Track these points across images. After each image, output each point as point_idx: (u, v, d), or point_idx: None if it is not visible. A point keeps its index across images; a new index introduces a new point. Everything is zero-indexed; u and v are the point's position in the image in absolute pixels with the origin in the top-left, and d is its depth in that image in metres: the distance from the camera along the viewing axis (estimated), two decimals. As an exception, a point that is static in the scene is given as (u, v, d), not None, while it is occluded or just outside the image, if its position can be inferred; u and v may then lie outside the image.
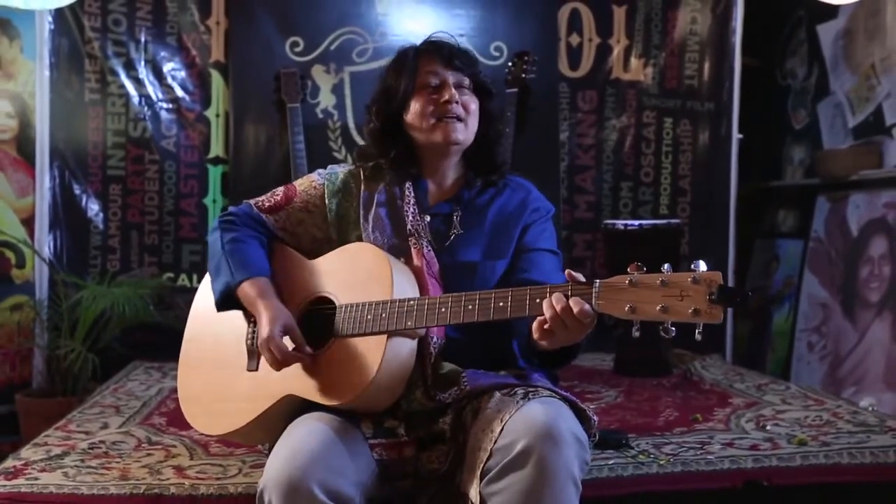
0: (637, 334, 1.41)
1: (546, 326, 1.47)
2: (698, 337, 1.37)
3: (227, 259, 1.80)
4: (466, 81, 1.83)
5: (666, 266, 1.38)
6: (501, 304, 1.53)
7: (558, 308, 1.44)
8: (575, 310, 1.42)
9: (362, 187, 1.87)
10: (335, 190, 1.89)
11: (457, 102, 1.79)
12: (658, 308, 1.36)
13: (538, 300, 1.48)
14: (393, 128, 1.85)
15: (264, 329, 1.67)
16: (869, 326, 3.57)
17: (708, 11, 3.90)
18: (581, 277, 1.48)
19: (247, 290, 1.75)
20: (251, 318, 1.80)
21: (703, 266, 1.36)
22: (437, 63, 1.82)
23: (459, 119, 1.80)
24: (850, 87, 3.85)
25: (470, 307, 1.56)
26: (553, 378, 1.82)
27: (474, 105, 1.83)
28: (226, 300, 1.80)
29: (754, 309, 4.27)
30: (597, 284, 1.44)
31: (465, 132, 1.82)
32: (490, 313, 1.54)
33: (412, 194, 1.83)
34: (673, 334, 1.37)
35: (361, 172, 1.89)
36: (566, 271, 1.50)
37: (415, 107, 1.81)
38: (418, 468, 1.67)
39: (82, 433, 2.22)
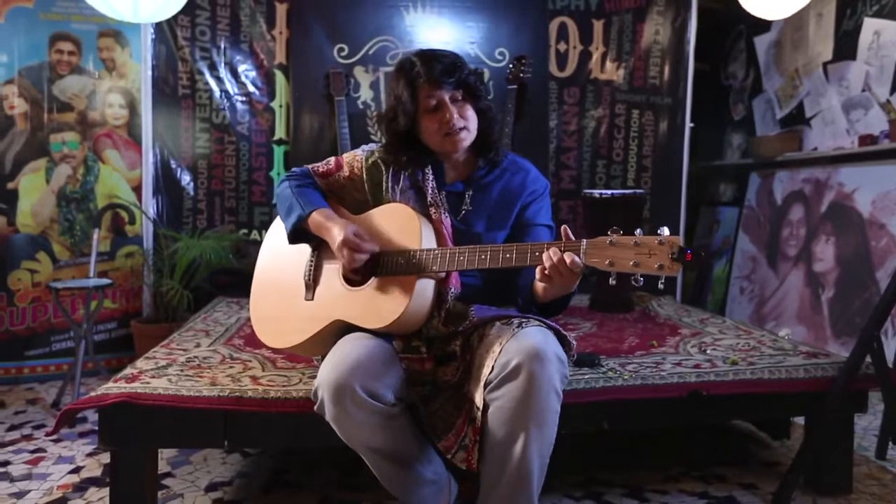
0: (613, 282, 1.42)
1: (546, 272, 1.47)
2: (661, 286, 1.38)
3: (297, 199, 1.77)
4: (459, 93, 1.71)
5: (638, 231, 1.38)
6: (508, 255, 1.52)
7: (555, 259, 1.44)
8: (567, 261, 1.43)
9: (391, 167, 1.81)
10: (370, 165, 1.83)
11: (458, 116, 1.70)
12: (631, 263, 1.37)
13: (537, 253, 1.48)
14: (405, 138, 1.76)
15: (338, 236, 1.66)
16: (787, 275, 3.56)
17: (668, 25, 3.82)
18: (572, 236, 1.47)
19: (316, 217, 1.73)
20: (314, 250, 1.78)
21: (666, 231, 1.36)
22: (431, 86, 1.68)
23: (462, 128, 1.71)
24: (778, 87, 3.81)
25: (483, 256, 1.55)
26: (545, 312, 1.81)
27: (471, 111, 1.73)
28: (297, 231, 1.76)
29: (700, 264, 4.27)
30: (584, 243, 1.44)
31: (469, 135, 1.73)
32: (499, 262, 1.53)
33: (431, 174, 1.77)
34: (641, 283, 1.38)
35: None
36: (562, 227, 1.49)
37: (423, 125, 1.72)
38: (435, 379, 1.68)
39: (181, 350, 2.24)
